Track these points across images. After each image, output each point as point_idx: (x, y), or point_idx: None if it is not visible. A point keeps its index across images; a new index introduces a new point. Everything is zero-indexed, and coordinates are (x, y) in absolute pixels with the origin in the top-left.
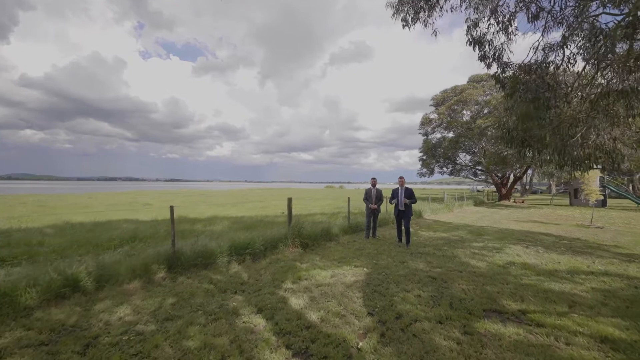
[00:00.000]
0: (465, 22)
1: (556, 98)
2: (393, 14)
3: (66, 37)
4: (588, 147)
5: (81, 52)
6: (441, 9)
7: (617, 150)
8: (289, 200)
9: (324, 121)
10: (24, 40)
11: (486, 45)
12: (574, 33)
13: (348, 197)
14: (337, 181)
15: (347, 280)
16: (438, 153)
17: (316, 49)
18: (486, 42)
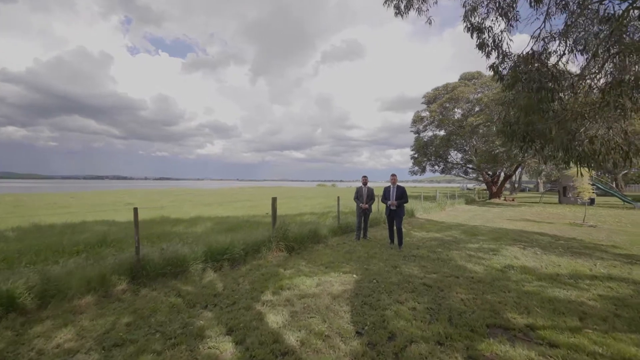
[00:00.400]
0: (462, 7)
1: (562, 89)
2: (385, 1)
3: (50, 31)
4: (597, 142)
5: (66, 47)
6: None
7: (633, 145)
8: (273, 200)
9: (316, 119)
10: (3, 33)
11: (485, 32)
12: (579, 19)
13: (338, 196)
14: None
15: (334, 289)
16: (430, 151)
17: (308, 47)
18: (485, 29)
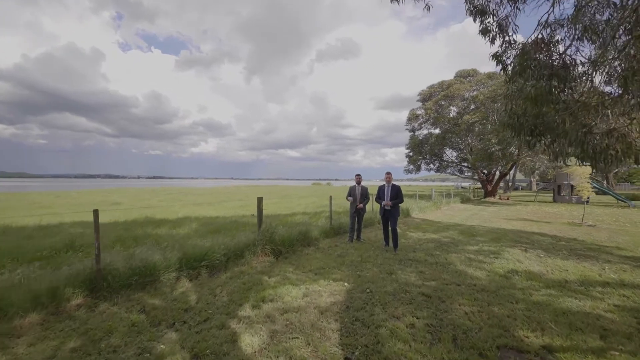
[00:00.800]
0: None
1: (575, 77)
2: None
3: (39, 27)
4: (614, 136)
5: (55, 43)
6: None
7: None
8: (259, 200)
9: (311, 118)
10: None
11: (489, 16)
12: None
13: (330, 196)
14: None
15: (323, 301)
16: (425, 149)
17: (303, 45)
18: (489, 13)
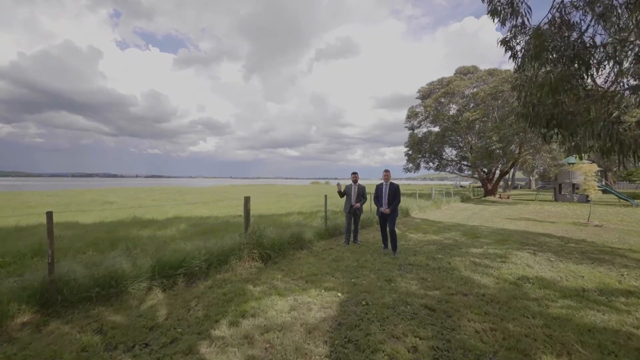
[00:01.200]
0: None
1: (600, 60)
2: None
3: (35, 25)
4: None
5: (52, 41)
6: None
7: None
8: (246, 200)
9: (311, 117)
10: None
11: None
12: None
13: (325, 195)
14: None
15: (312, 317)
16: (424, 148)
17: (302, 44)
18: None
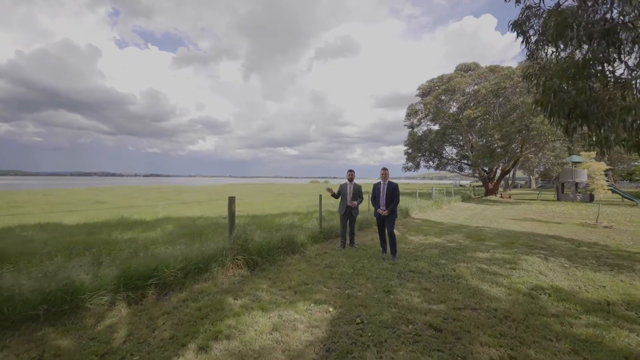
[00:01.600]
0: None
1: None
2: None
3: (33, 23)
4: None
5: (51, 39)
6: None
7: None
8: (230, 200)
9: (310, 116)
10: None
11: None
12: None
13: (320, 195)
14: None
15: (296, 339)
16: (424, 146)
17: (302, 43)
18: None
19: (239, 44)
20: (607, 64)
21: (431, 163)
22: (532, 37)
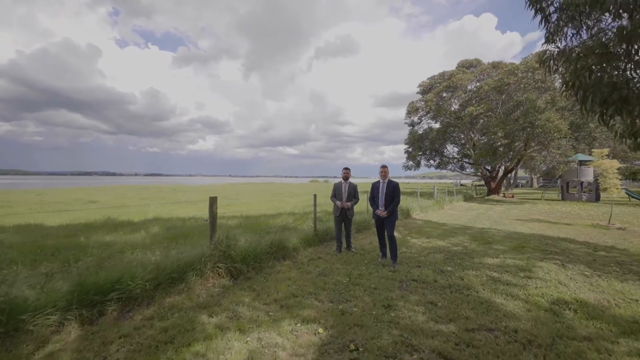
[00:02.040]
0: None
1: None
2: None
3: (34, 22)
4: None
5: (51, 39)
6: None
7: None
8: (211, 201)
9: (310, 116)
10: None
11: None
12: None
13: (315, 194)
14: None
15: None
16: (425, 145)
17: (302, 42)
18: None
19: (239, 44)
20: None
21: (432, 162)
22: (552, 15)
